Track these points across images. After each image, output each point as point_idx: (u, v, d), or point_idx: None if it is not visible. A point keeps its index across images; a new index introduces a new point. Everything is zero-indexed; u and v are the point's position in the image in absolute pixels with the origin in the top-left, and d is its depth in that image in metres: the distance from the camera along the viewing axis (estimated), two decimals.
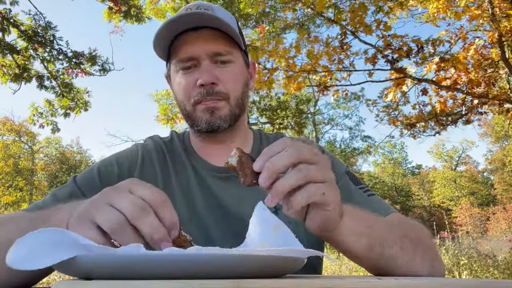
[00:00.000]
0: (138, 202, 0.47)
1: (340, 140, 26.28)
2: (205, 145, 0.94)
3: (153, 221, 0.47)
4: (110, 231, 0.46)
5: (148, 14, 7.67)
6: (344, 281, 0.39)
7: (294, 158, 0.50)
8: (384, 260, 0.64)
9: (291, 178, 0.49)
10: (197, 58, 0.85)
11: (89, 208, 0.50)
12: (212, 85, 0.84)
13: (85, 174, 0.89)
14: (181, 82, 0.87)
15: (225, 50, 0.86)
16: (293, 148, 0.50)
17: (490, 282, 0.45)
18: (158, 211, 0.48)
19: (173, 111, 12.50)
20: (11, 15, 6.04)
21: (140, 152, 0.94)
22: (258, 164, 0.50)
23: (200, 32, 0.85)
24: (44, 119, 7.14)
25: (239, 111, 0.89)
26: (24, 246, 0.39)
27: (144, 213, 0.47)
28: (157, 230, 0.47)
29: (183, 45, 0.85)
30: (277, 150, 0.50)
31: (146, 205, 0.48)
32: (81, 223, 0.48)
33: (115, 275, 0.36)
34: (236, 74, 0.88)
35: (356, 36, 5.87)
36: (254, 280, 0.36)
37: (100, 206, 0.48)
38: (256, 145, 0.98)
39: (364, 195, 0.87)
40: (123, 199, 0.48)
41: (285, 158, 0.49)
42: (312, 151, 0.52)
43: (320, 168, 0.51)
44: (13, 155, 24.05)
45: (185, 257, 0.38)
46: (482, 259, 6.44)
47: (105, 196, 0.50)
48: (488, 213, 25.00)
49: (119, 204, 0.47)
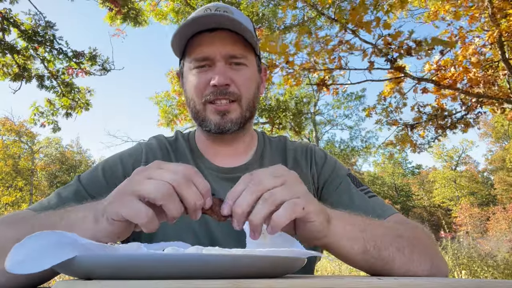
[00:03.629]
0: (180, 174, 0.51)
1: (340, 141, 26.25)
2: (212, 146, 0.95)
3: (195, 189, 0.51)
4: (160, 199, 0.49)
5: (148, 16, 7.66)
6: (344, 281, 0.39)
7: (256, 192, 0.51)
8: (380, 262, 0.64)
9: (262, 209, 0.50)
10: (212, 58, 0.85)
11: (128, 185, 0.52)
12: (226, 86, 0.84)
13: (90, 173, 0.88)
14: (194, 80, 0.88)
15: (241, 54, 0.87)
16: (252, 182, 0.52)
17: (490, 282, 0.45)
18: (194, 181, 0.52)
19: (173, 113, 12.49)
20: (11, 15, 6.04)
21: (144, 151, 0.94)
22: (225, 210, 0.52)
23: (217, 33, 0.85)
24: (45, 119, 7.14)
25: (249, 115, 0.90)
26: (22, 250, 0.38)
27: (188, 182, 0.51)
28: (199, 197, 0.51)
29: (200, 45, 0.86)
30: (239, 190, 0.52)
31: (187, 176, 0.51)
32: (123, 198, 0.50)
33: (115, 275, 0.36)
34: (249, 77, 0.89)
35: (356, 34, 5.87)
36: (254, 280, 0.36)
37: (142, 180, 0.51)
38: (260, 148, 0.99)
39: (366, 197, 0.87)
40: (163, 173, 0.51)
41: (247, 197, 0.51)
42: (273, 175, 0.53)
43: (286, 187, 0.52)
44: (13, 155, 24.03)
45: (185, 257, 0.38)
46: (482, 259, 6.44)
47: (142, 173, 0.52)
48: (488, 213, 24.99)
49: (163, 176, 0.50)
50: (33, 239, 0.39)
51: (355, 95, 21.38)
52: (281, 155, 0.99)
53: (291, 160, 0.98)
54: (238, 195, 0.52)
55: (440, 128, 7.13)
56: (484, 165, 33.73)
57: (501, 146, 28.51)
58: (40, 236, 0.40)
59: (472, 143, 30.39)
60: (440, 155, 30.83)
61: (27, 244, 0.39)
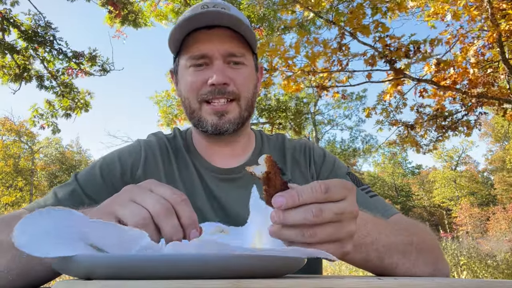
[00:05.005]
0: (163, 202, 0.48)
1: (340, 141, 26.25)
2: (209, 145, 0.93)
3: (175, 222, 0.48)
4: (134, 225, 0.47)
5: (148, 17, 7.65)
6: (344, 281, 0.39)
7: (322, 197, 0.46)
8: (381, 269, 0.64)
9: (304, 213, 0.45)
10: (210, 56, 0.83)
11: (111, 203, 0.51)
12: (224, 85, 0.82)
13: (87, 172, 0.87)
14: (190, 78, 0.85)
15: (239, 52, 0.85)
16: (324, 187, 0.47)
17: (490, 282, 0.45)
18: (178, 209, 0.49)
19: (173, 113, 12.48)
20: (11, 15, 6.04)
21: (143, 148, 0.92)
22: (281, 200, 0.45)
23: (215, 31, 0.83)
24: (45, 120, 7.13)
25: (247, 114, 0.88)
26: (31, 227, 0.39)
27: (168, 213, 0.48)
28: (176, 231, 0.48)
29: (197, 42, 0.83)
30: (309, 194, 0.46)
31: (170, 206, 0.49)
32: (103, 217, 0.49)
33: (115, 275, 0.36)
34: (248, 76, 0.87)
35: (355, 37, 5.87)
36: (254, 280, 0.36)
37: (124, 202, 0.49)
38: (258, 148, 0.98)
39: (367, 197, 0.85)
40: (148, 197, 0.49)
41: (312, 196, 0.45)
42: (340, 187, 0.48)
43: (344, 206, 0.47)
44: (13, 155, 24.03)
45: (185, 257, 0.38)
46: (482, 259, 6.44)
47: (129, 193, 0.51)
48: (488, 213, 25.00)
49: (145, 202, 0.48)
50: (42, 217, 0.39)
51: (356, 95, 21.41)
52: (280, 154, 0.97)
53: (290, 159, 0.96)
54: (307, 197, 0.45)
55: (440, 129, 7.13)
56: (484, 165, 33.76)
57: (501, 146, 28.51)
58: (49, 215, 0.40)
59: (472, 143, 30.42)
60: (440, 155, 30.82)
61: (36, 221, 0.39)
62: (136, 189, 0.52)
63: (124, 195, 0.51)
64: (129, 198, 0.50)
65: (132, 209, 0.48)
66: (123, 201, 0.50)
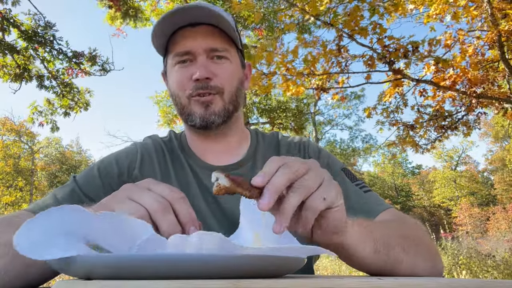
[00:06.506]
0: (160, 200, 0.49)
1: (340, 141, 26.25)
2: (201, 143, 0.94)
3: (172, 219, 0.49)
4: None
5: (149, 16, 7.65)
6: (344, 281, 0.39)
7: (292, 176, 0.47)
8: (390, 263, 0.63)
9: (294, 198, 0.46)
10: (193, 53, 0.85)
11: (109, 201, 0.52)
12: (207, 80, 0.84)
13: (86, 173, 0.88)
14: (176, 75, 0.87)
15: (222, 47, 0.87)
16: (287, 166, 0.48)
17: (490, 282, 0.45)
18: (176, 207, 0.50)
19: (173, 113, 12.48)
20: (11, 15, 6.04)
21: (139, 151, 0.93)
22: (259, 179, 0.47)
23: (198, 28, 0.85)
24: (44, 118, 7.14)
25: (232, 108, 0.89)
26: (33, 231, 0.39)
27: (165, 210, 0.49)
28: (174, 227, 0.49)
29: (181, 40, 0.86)
30: (273, 170, 0.47)
31: (167, 204, 0.50)
32: None
33: (115, 275, 0.36)
34: (231, 70, 0.89)
35: (353, 38, 5.87)
36: (254, 280, 0.36)
37: (122, 199, 0.50)
38: (253, 145, 0.98)
39: (361, 192, 0.86)
40: (145, 195, 0.50)
41: (282, 178, 0.46)
42: (300, 161, 0.50)
43: (313, 175, 0.48)
44: (13, 155, 24.03)
45: (185, 257, 0.38)
46: (481, 259, 6.44)
47: (127, 191, 0.51)
48: (488, 213, 25.00)
49: (142, 200, 0.49)
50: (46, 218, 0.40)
51: (354, 94, 21.43)
52: (275, 151, 0.98)
53: (285, 155, 0.96)
54: (271, 174, 0.47)
55: (441, 129, 7.13)
56: (484, 165, 33.77)
57: (501, 146, 28.52)
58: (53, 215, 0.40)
59: (472, 143, 30.42)
60: (440, 155, 30.83)
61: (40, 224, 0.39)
62: (134, 187, 0.52)
63: (122, 193, 0.52)
64: (126, 196, 0.50)
65: (130, 207, 0.48)
66: (121, 199, 0.50)
